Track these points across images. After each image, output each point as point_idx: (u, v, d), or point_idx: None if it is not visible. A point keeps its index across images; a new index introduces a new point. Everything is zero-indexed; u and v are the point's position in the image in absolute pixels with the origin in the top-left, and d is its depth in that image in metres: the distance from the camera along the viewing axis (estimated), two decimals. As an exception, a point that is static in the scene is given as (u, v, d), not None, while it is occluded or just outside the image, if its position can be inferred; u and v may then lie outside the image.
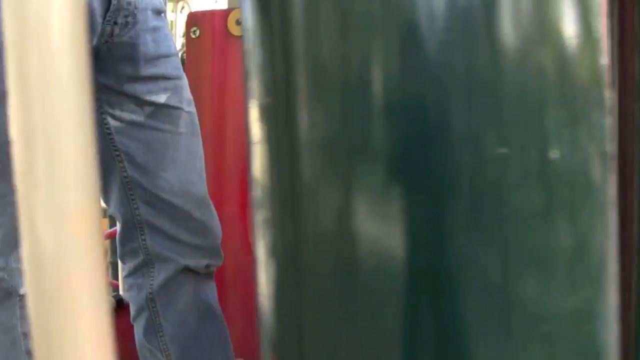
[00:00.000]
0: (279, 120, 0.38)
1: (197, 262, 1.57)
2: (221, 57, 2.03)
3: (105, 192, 1.56)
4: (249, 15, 0.39)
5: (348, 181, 0.36)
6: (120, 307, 1.90)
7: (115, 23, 1.39)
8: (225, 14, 2.04)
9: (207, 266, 1.60)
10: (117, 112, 1.47)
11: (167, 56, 1.48)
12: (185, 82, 1.53)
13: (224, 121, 2.03)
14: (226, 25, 2.04)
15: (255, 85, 0.39)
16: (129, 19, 1.40)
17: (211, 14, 2.07)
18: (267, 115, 0.38)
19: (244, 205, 2.08)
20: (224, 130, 2.04)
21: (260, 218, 0.40)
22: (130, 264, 1.59)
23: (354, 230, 0.36)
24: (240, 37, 1.66)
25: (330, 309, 0.37)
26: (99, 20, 1.36)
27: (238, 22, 2.02)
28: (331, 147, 0.36)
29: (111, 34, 1.40)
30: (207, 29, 2.02)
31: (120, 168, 1.51)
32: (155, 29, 1.46)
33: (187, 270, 1.56)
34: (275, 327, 0.39)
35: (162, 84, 1.48)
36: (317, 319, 0.37)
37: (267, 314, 0.40)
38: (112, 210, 1.58)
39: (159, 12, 1.49)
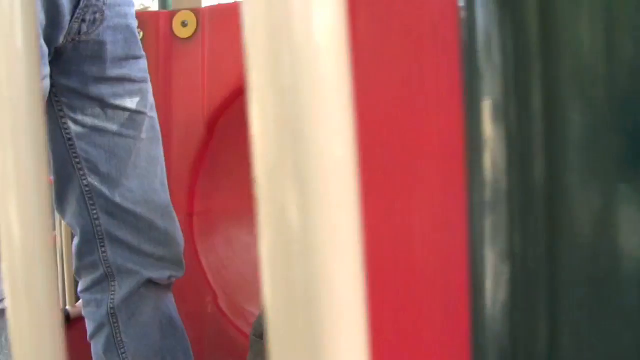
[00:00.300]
0: (527, 119, 0.35)
1: (160, 274, 1.50)
2: (166, 61, 1.95)
3: (61, 202, 1.46)
4: (480, 15, 0.37)
5: (611, 184, 0.34)
6: (66, 322, 1.79)
7: (84, 21, 1.30)
8: (170, 15, 1.97)
9: (169, 277, 1.53)
10: (79, 117, 1.38)
11: (136, 57, 1.41)
12: (150, 85, 1.46)
13: (170, 126, 1.95)
14: (171, 27, 1.97)
15: (490, 84, 0.36)
16: (97, 15, 1.32)
17: (155, 15, 1.99)
18: (508, 114, 0.36)
19: (191, 213, 2.01)
20: (170, 136, 1.96)
21: (490, 220, 0.37)
22: (88, 279, 1.49)
23: (615, 236, 0.34)
24: (187, 40, 1.60)
25: (585, 316, 0.35)
26: (67, 17, 1.27)
27: (184, 24, 1.95)
28: (596, 147, 0.34)
29: (79, 32, 1.31)
30: (151, 31, 1.94)
31: (80, 176, 1.41)
32: (126, 28, 1.39)
33: (149, 282, 1.49)
34: (508, 335, 0.37)
35: (128, 86, 1.40)
36: (569, 326, 0.35)
37: (495, 321, 0.37)
38: (69, 221, 1.48)
39: (130, 9, 1.41)
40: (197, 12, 1.96)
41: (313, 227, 0.28)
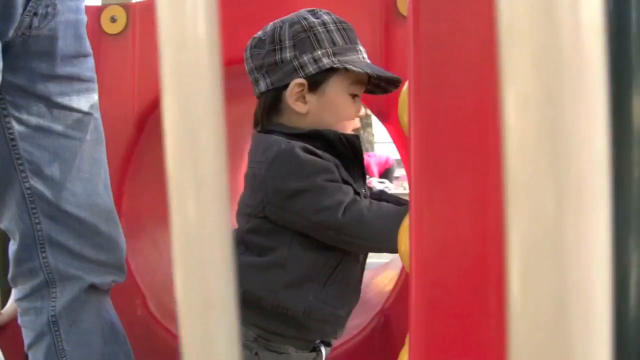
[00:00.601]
0: None
1: (102, 279, 1.45)
2: (94, 57, 1.88)
3: (-1, 205, 1.38)
4: (634, 10, 0.38)
5: None
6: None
7: (35, 14, 1.23)
8: (98, 10, 1.90)
9: (111, 282, 1.48)
10: (24, 116, 1.31)
11: (85, 55, 1.35)
12: (96, 85, 1.41)
13: (98, 125, 1.88)
14: (99, 23, 1.90)
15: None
16: (49, 9, 1.25)
17: (82, 9, 1.91)
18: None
19: (118, 214, 1.95)
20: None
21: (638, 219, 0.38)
22: (26, 286, 1.41)
23: None
24: (116, 36, 1.57)
25: None
26: (19, 10, 1.20)
27: (113, 20, 1.89)
28: None
29: (29, 26, 1.24)
30: (78, 25, 1.87)
31: (22, 178, 1.34)
32: (77, 23, 1.32)
33: (90, 288, 1.43)
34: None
35: (76, 85, 1.34)
36: None
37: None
38: (7, 225, 1.40)
39: (81, 3, 1.35)
40: (127, 7, 1.90)
41: (567, 226, 0.28)
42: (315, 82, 1.31)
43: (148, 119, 1.94)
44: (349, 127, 1.36)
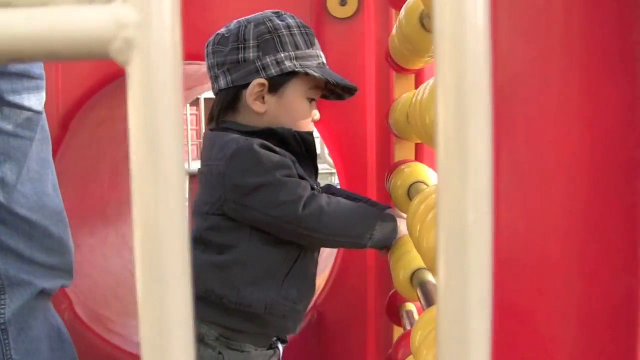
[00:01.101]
0: None
1: (53, 283, 1.42)
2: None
3: (-55, 210, 1.31)
4: None
5: None
6: None
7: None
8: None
9: (62, 287, 1.45)
10: (-27, 116, 1.26)
11: (39, 53, 1.31)
12: (45, 83, 1.36)
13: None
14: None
15: None
16: None
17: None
18: None
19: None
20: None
21: None
22: (-28, 293, 1.36)
23: None
24: None
25: None
26: None
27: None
28: None
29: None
30: None
31: (-29, 181, 1.29)
32: None
33: (41, 293, 1.40)
34: None
35: (27, 83, 1.30)
36: None
37: None
38: (-47, 230, 1.33)
39: None
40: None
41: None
42: (276, 84, 1.33)
43: (72, 119, 1.89)
44: (304, 129, 1.38)
